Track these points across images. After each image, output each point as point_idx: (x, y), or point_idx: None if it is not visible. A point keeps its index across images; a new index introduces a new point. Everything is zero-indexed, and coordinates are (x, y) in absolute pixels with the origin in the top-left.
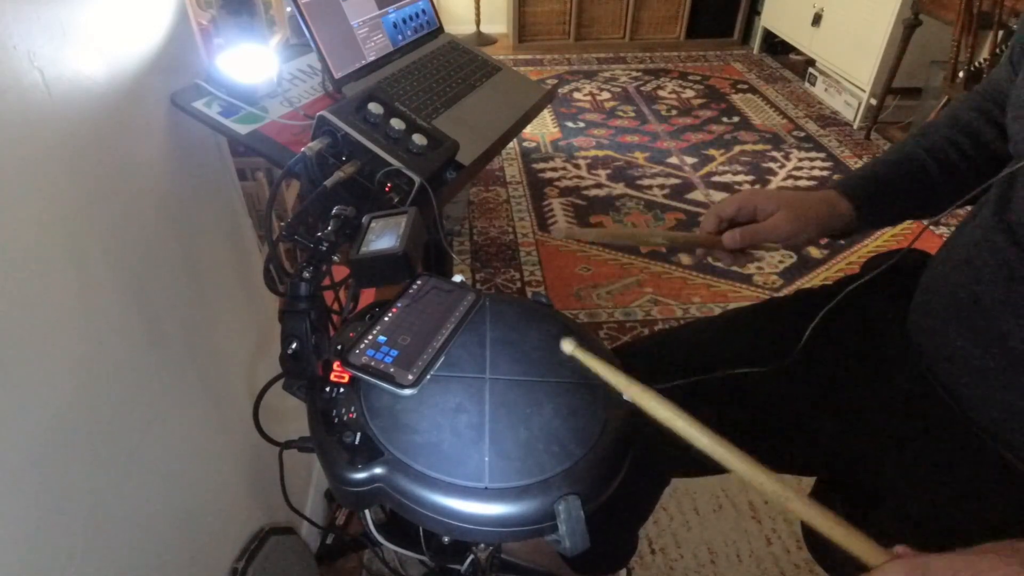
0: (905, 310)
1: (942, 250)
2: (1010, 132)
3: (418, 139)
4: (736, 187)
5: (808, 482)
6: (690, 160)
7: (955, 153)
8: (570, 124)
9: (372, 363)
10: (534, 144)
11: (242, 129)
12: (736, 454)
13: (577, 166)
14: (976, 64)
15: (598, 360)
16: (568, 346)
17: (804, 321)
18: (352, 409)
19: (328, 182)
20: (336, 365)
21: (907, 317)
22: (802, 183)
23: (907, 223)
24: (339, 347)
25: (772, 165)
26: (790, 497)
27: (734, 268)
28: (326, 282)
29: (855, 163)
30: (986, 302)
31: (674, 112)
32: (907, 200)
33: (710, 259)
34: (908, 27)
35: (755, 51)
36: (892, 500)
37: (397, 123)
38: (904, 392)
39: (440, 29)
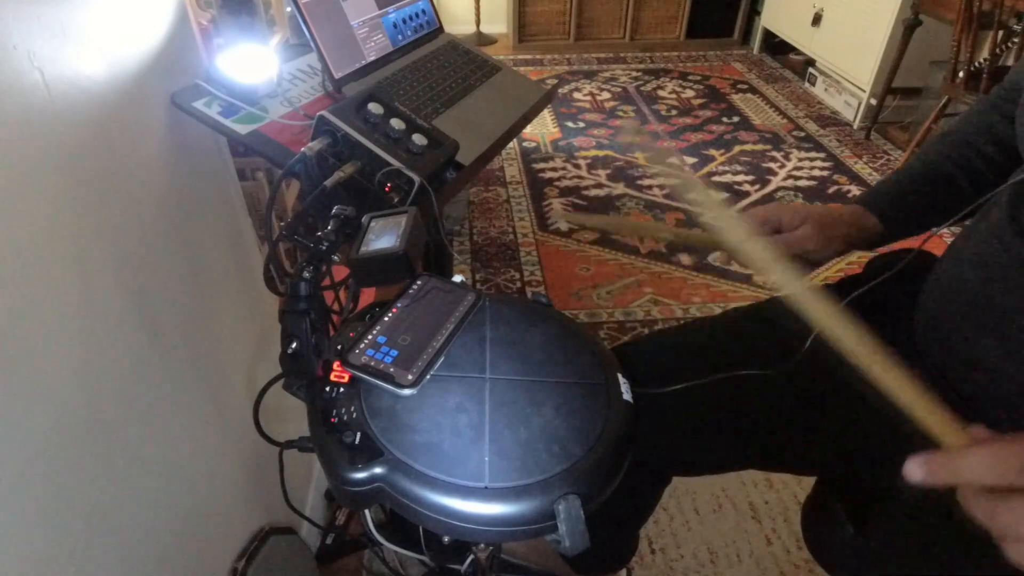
0: (909, 310)
1: (951, 250)
2: (1018, 130)
3: (418, 139)
4: (736, 187)
5: (808, 482)
6: (690, 160)
7: (979, 159)
8: (570, 124)
9: (372, 363)
10: (534, 144)
11: (242, 129)
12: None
13: (577, 166)
14: (976, 64)
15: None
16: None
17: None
18: (352, 409)
19: (328, 182)
20: (336, 365)
21: (912, 317)
22: (802, 183)
23: None
24: (339, 347)
25: (772, 165)
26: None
27: (734, 268)
28: (326, 282)
29: (855, 163)
30: (1001, 302)
31: (674, 112)
32: (935, 211)
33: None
34: (908, 27)
35: (755, 51)
36: (895, 500)
37: (397, 123)
38: None
39: (440, 29)
